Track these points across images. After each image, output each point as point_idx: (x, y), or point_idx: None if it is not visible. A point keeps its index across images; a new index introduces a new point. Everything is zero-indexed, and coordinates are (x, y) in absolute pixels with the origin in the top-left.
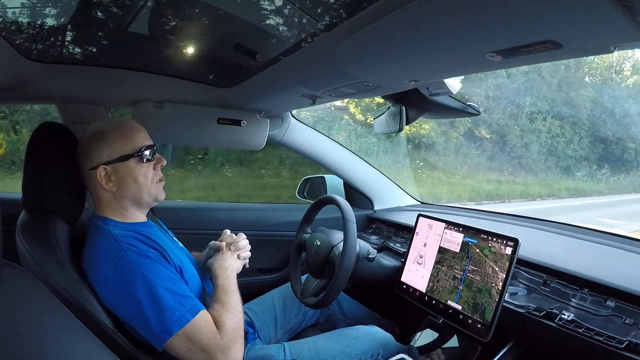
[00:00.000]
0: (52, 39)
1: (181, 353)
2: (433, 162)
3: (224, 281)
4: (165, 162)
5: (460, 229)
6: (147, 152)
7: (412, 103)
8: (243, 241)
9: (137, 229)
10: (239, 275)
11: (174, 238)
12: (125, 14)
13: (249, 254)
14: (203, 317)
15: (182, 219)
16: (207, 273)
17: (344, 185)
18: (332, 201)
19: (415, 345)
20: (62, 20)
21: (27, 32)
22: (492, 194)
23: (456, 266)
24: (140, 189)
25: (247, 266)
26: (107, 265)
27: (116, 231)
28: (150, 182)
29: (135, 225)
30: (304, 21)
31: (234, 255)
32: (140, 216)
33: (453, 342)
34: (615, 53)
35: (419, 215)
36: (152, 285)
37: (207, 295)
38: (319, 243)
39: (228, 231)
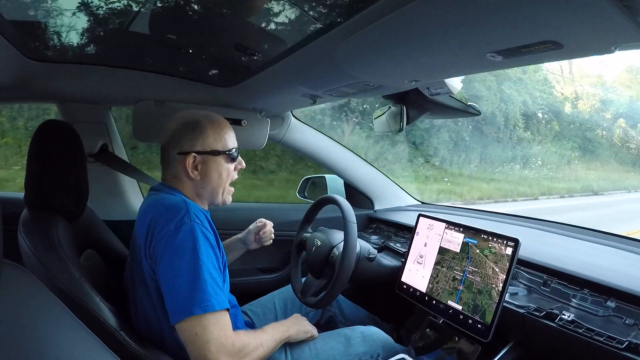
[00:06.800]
0: (53, 38)
1: (188, 337)
2: None
3: (284, 333)
4: (244, 166)
5: (461, 229)
6: (234, 151)
7: (413, 103)
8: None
9: (205, 212)
10: (240, 275)
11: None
12: (125, 13)
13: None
14: (225, 315)
15: None
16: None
17: (344, 185)
18: (333, 201)
19: (415, 346)
20: (63, 19)
21: (28, 31)
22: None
23: (456, 267)
24: (220, 184)
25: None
26: (170, 225)
27: (188, 202)
28: (228, 181)
29: (202, 209)
30: (304, 21)
31: (306, 335)
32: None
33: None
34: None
35: (420, 215)
36: (200, 263)
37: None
38: (319, 243)
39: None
